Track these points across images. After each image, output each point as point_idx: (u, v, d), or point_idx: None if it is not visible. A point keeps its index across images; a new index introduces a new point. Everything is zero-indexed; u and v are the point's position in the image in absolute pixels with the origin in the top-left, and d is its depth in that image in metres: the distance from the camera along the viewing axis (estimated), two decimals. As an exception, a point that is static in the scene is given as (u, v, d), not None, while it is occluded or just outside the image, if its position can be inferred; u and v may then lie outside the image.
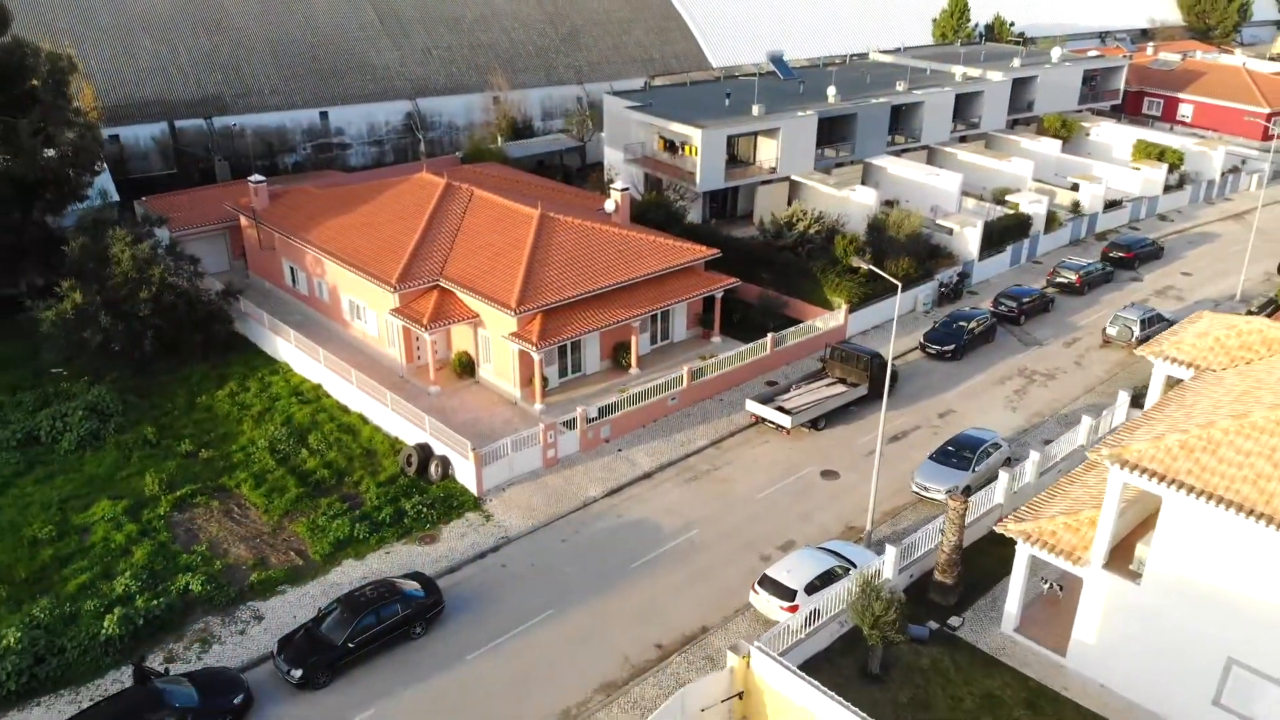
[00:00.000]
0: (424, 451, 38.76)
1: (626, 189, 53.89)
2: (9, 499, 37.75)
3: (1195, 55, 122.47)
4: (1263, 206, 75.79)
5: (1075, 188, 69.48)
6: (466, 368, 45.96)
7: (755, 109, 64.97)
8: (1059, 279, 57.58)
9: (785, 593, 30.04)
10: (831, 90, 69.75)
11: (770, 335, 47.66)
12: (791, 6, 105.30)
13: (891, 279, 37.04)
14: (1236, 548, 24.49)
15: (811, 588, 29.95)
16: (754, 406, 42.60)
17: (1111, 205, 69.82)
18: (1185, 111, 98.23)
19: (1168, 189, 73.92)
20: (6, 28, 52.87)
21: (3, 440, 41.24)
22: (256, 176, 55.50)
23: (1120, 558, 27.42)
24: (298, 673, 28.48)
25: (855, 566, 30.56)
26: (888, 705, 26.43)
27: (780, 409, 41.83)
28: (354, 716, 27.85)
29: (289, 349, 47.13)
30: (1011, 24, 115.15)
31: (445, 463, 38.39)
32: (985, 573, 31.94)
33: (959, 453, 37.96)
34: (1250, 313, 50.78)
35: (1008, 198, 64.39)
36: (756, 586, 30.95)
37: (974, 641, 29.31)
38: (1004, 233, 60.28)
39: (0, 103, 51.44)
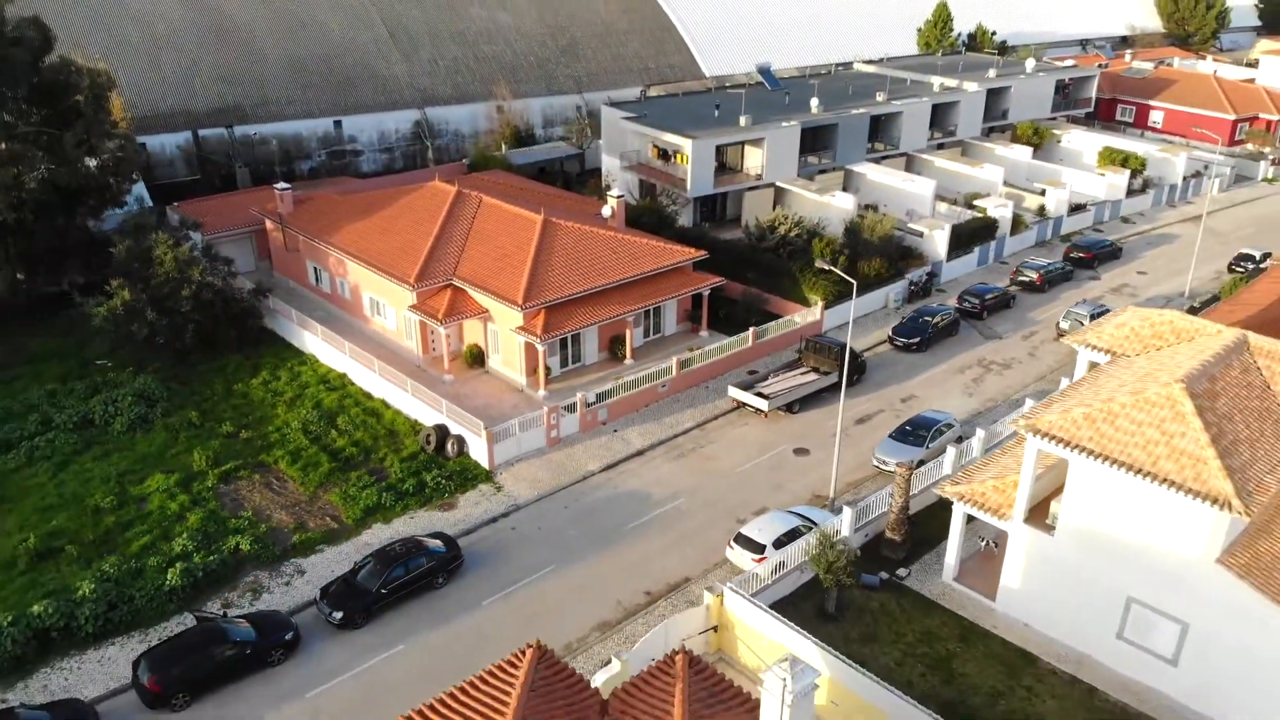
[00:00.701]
0: (441, 431, 43.52)
1: (622, 196, 58.61)
2: (70, 474, 42.48)
3: (1173, 62, 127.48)
4: (1222, 209, 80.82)
5: (1044, 193, 74.27)
6: (477, 358, 50.74)
7: (743, 120, 69.71)
8: (1021, 278, 62.42)
9: (756, 547, 34.84)
10: (814, 101, 74.48)
11: (752, 329, 52.44)
12: (782, 17, 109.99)
13: (849, 279, 41.88)
14: (1131, 503, 29.24)
15: (779, 543, 34.75)
16: (735, 392, 47.43)
17: (1076, 209, 74.63)
18: (1156, 118, 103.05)
19: (1131, 193, 78.69)
20: (50, 48, 57.58)
21: (60, 423, 45.91)
22: (282, 184, 60.27)
23: (1039, 515, 32.20)
24: (338, 615, 33.29)
25: (817, 526, 35.31)
26: (840, 638, 31.14)
27: (759, 394, 46.64)
28: (386, 652, 32.66)
29: (315, 342, 51.88)
30: (993, 33, 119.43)
31: (460, 441, 43.17)
32: (933, 533, 36.64)
33: (915, 432, 42.81)
34: (1192, 309, 55.60)
35: (976, 202, 69.19)
36: (732, 543, 35.78)
37: (918, 589, 34.09)
38: (972, 235, 65.07)
39: (46, 116, 56.16)
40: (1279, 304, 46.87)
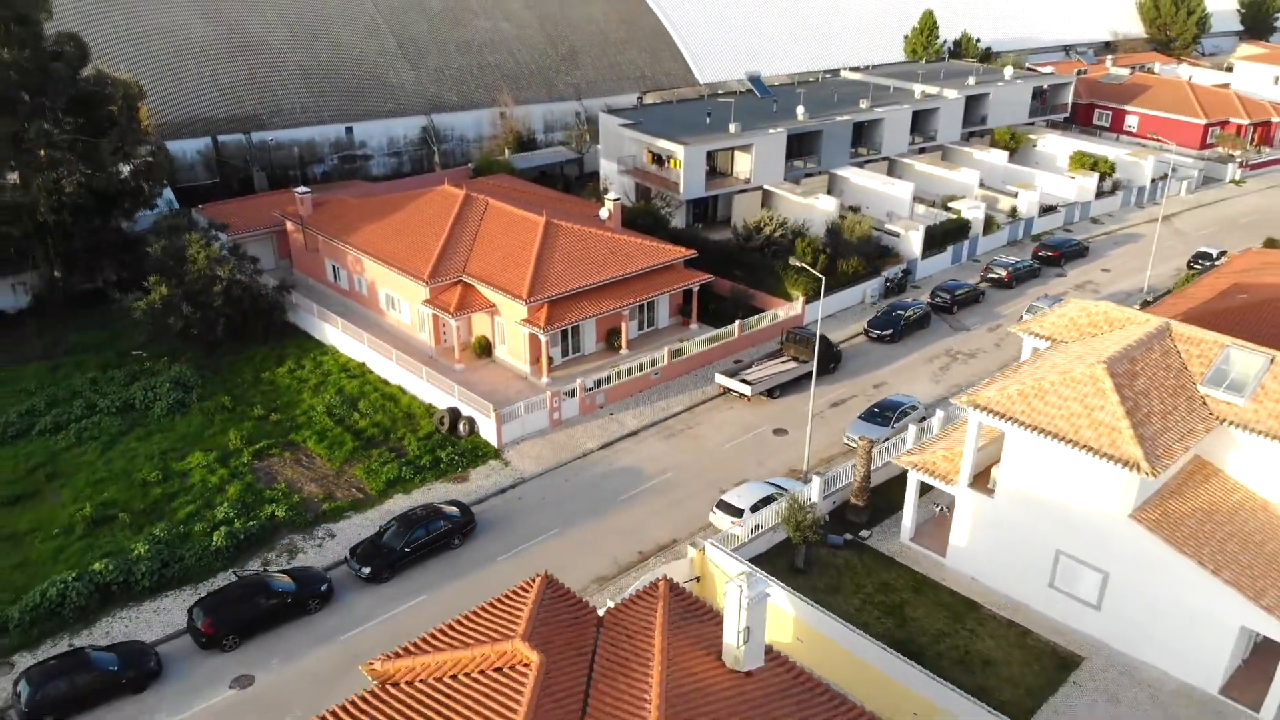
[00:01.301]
0: (454, 413, 47.94)
1: (618, 198, 63.04)
2: (117, 452, 46.90)
3: (1154, 66, 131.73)
4: (1189, 210, 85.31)
5: (1016, 195, 78.70)
6: (485, 349, 55.15)
7: (732, 127, 74.11)
8: (991, 275, 66.89)
9: (735, 511, 39.27)
10: (800, 109, 78.89)
11: (738, 322, 56.86)
12: (773, 26, 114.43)
13: (819, 275, 46.33)
14: (1058, 467, 33.65)
15: (755, 508, 39.17)
16: (722, 379, 51.89)
17: (1048, 210, 79.10)
18: (1131, 122, 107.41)
19: (1100, 195, 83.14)
20: (87, 61, 61.96)
21: (104, 407, 50.33)
22: (302, 188, 64.69)
23: (983, 481, 36.62)
24: (366, 570, 37.75)
25: (789, 493, 39.69)
26: (808, 589, 35.50)
27: (743, 381, 51.08)
28: (410, 601, 37.09)
29: (336, 334, 56.31)
30: (978, 40, 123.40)
31: (471, 422, 47.60)
32: (895, 502, 40.95)
33: (882, 413, 47.28)
34: (1145, 303, 60.07)
35: (951, 204, 73.64)
36: (714, 508, 40.19)
37: (878, 547, 38.50)
38: (946, 235, 69.53)
39: (81, 125, 60.56)
40: (1219, 297, 51.29)
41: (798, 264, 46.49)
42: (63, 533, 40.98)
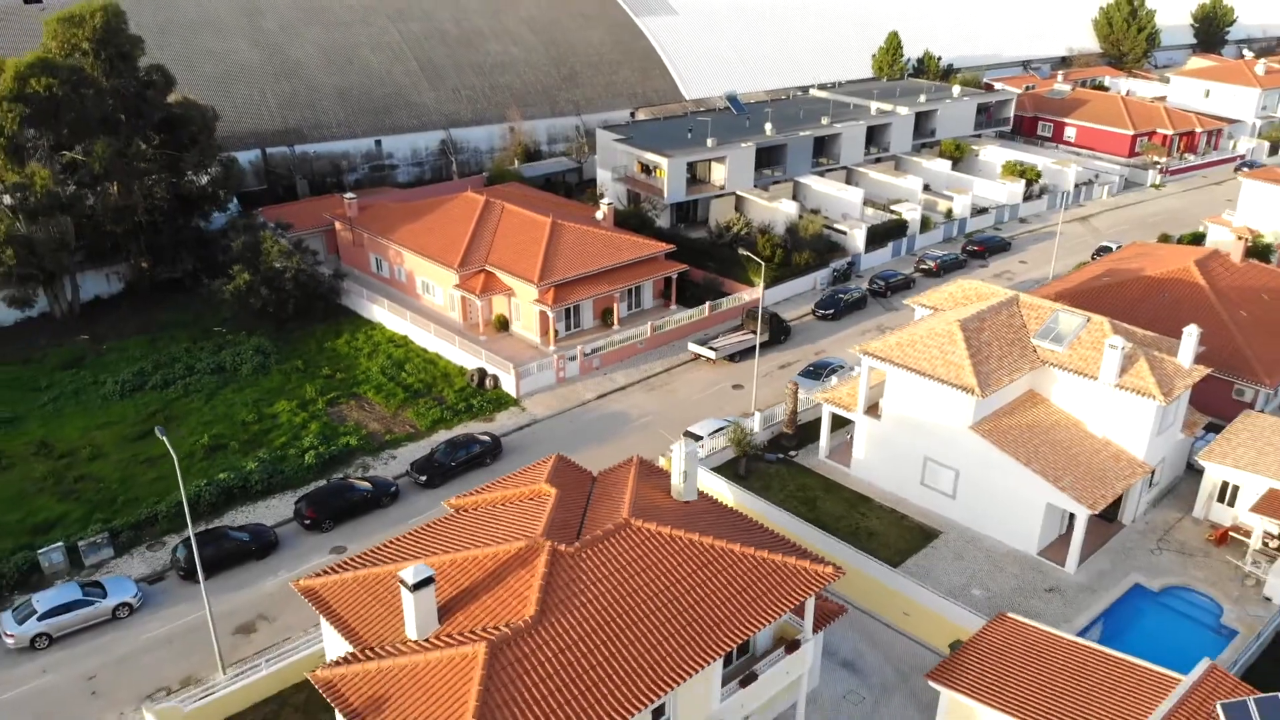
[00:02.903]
0: (481, 372, 61.08)
1: (612, 203, 76.22)
2: (218, 401, 59.99)
3: (1104, 80, 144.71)
4: (1109, 211, 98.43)
5: (952, 198, 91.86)
6: (503, 325, 68.30)
7: (709, 141, 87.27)
8: (923, 266, 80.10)
9: (696, 437, 52.41)
10: (769, 125, 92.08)
11: (708, 303, 69.98)
12: (752, 47, 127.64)
13: (761, 260, 59.62)
14: (923, 395, 46.73)
15: (712, 435, 52.30)
16: (693, 346, 65.11)
17: (980, 211, 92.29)
18: (1070, 133, 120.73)
19: (1029, 198, 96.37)
20: (172, 88, 75.22)
21: (201, 369, 63.35)
22: (350, 195, 77.92)
23: (874, 410, 49.76)
24: (423, 478, 50.94)
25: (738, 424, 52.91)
26: (748, 487, 48.60)
27: (710, 348, 64.24)
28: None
29: (382, 313, 69.47)
30: (939, 58, 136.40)
31: (496, 379, 60.80)
32: (818, 433, 54.11)
33: (816, 371, 60.50)
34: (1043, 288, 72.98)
35: (893, 207, 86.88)
36: (682, 436, 53.35)
37: (802, 462, 51.63)
38: (887, 233, 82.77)
39: (167, 141, 73.70)
40: (1091, 279, 64.48)
41: (744, 253, 59.29)
42: (188, 457, 54.09)
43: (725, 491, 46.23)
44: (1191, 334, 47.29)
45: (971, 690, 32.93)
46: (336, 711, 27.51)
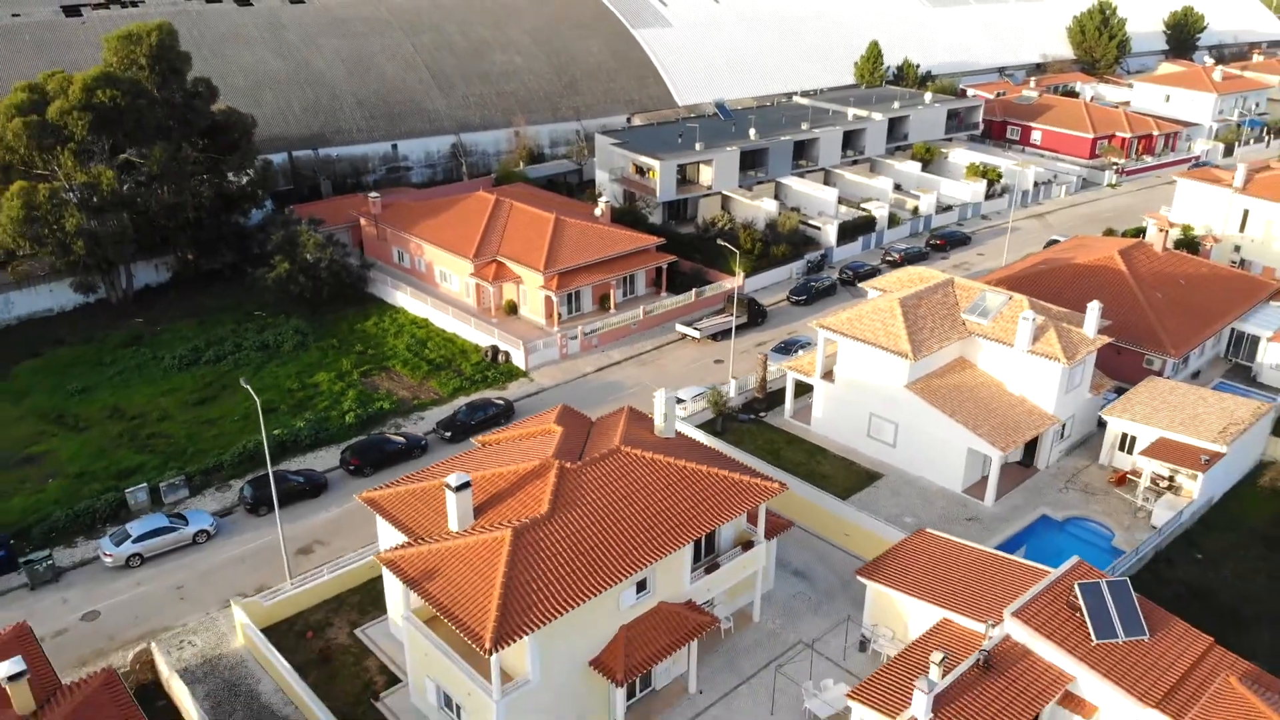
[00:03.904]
0: (494, 349, 70.06)
1: (609, 201, 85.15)
2: (266, 373, 68.87)
3: (1076, 85, 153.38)
4: (1065, 209, 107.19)
5: (919, 197, 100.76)
6: (512, 308, 77.25)
7: (698, 145, 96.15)
8: (888, 258, 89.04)
9: (680, 401, 61.31)
10: (753, 131, 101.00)
11: (694, 290, 78.94)
12: (741, 56, 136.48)
13: (740, 252, 68.36)
14: (868, 361, 55.65)
15: (695, 399, 61.26)
16: (680, 327, 74.12)
17: (945, 209, 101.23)
18: (1036, 137, 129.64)
19: (989, 197, 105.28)
20: (216, 98, 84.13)
21: (248, 346, 72.23)
22: (374, 194, 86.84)
23: (830, 375, 58.70)
24: (448, 434, 59.89)
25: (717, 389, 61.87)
26: (723, 442, 57.48)
27: (695, 328, 73.23)
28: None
29: (405, 299, 78.44)
30: (918, 65, 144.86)
31: (507, 355, 69.79)
32: (784, 398, 63.04)
33: (787, 348, 69.45)
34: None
35: (864, 205, 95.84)
36: (667, 399, 62.33)
37: (770, 422, 60.59)
38: (856, 228, 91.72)
39: (210, 146, 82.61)
40: (1029, 267, 73.36)
41: (723, 244, 68.19)
42: (244, 417, 63.00)
43: (704, 440, 55.21)
44: (1094, 308, 56.27)
45: (890, 582, 41.93)
46: (386, 594, 36.28)
